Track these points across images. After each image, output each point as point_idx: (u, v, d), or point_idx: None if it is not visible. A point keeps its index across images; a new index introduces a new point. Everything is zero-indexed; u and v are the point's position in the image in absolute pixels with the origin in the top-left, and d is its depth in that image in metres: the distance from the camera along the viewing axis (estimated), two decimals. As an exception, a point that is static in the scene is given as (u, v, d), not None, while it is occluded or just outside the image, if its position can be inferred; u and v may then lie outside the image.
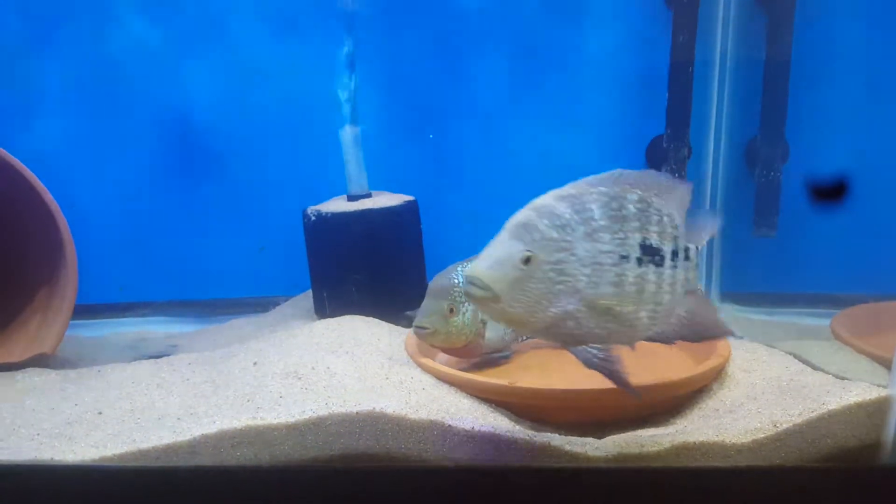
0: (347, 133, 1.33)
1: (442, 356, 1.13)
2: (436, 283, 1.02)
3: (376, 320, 1.19)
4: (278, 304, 1.44)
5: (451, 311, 0.97)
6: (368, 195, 1.33)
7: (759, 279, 1.42)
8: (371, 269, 1.28)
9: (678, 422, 0.88)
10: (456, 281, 1.00)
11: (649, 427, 0.85)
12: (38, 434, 0.82)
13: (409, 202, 1.32)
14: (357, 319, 1.17)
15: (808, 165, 1.38)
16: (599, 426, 0.85)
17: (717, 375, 0.95)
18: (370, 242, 1.28)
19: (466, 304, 0.98)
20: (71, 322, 1.14)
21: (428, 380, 0.94)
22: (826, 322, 1.19)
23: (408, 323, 1.15)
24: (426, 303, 0.99)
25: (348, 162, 1.32)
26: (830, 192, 1.09)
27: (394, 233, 1.30)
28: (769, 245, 1.38)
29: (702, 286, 1.50)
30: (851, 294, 1.33)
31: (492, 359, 1.04)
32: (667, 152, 1.40)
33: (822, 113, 1.38)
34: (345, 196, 1.34)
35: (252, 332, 1.22)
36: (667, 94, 1.40)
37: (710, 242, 1.46)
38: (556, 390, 0.87)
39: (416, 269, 1.35)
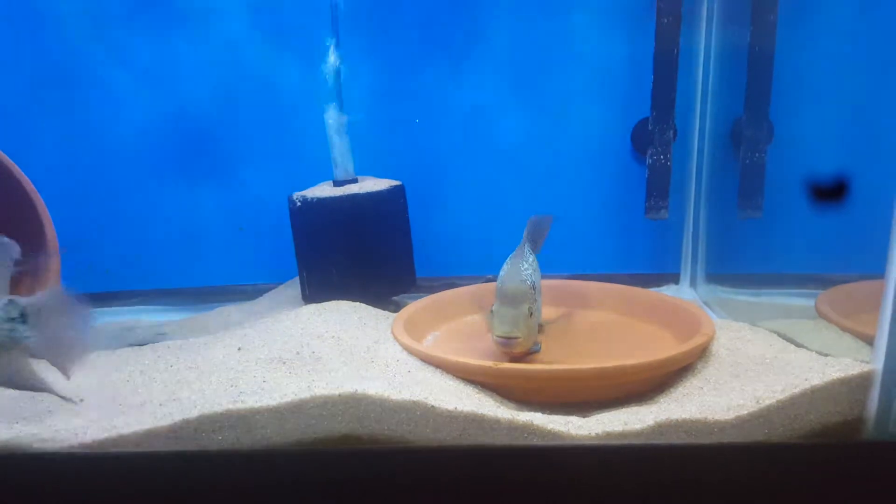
0: (332, 117, 1.31)
1: (429, 339, 1.12)
2: (510, 287, 0.95)
3: (363, 305, 1.17)
4: (267, 291, 1.41)
5: (531, 314, 0.92)
6: (354, 180, 1.31)
7: (744, 260, 1.38)
8: (358, 254, 1.26)
9: (662, 400, 0.88)
10: (528, 282, 0.96)
11: (633, 405, 0.85)
12: (18, 422, 0.81)
13: (395, 187, 1.31)
14: (343, 304, 1.15)
15: (792, 146, 1.34)
16: (585, 406, 0.85)
17: (701, 354, 0.95)
18: (356, 227, 1.26)
19: (537, 302, 0.96)
20: (57, 312, 1.11)
21: (414, 363, 0.93)
22: (812, 302, 1.17)
23: (395, 308, 1.18)
24: (506, 311, 0.91)
25: (333, 146, 1.29)
26: (829, 193, 1.09)
27: (380, 217, 1.28)
28: (755, 226, 1.33)
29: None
30: (837, 274, 1.29)
31: (532, 350, 0.98)
32: (652, 135, 1.38)
33: (808, 93, 1.35)
34: (331, 182, 1.32)
35: (240, 319, 1.21)
36: (652, 76, 1.39)
37: (696, 224, 1.48)
38: (539, 369, 0.88)
39: (403, 253, 1.33)
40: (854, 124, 1.31)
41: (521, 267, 0.99)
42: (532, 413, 0.79)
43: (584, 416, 0.80)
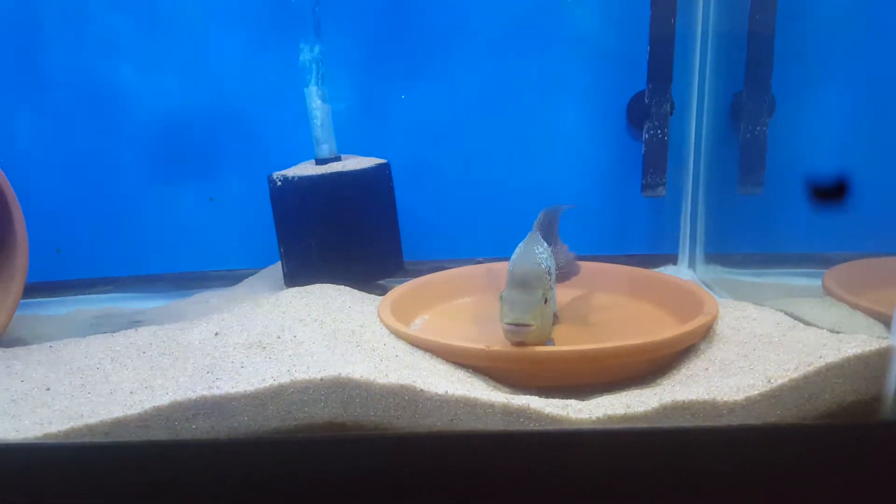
0: (314, 93, 1.25)
1: (417, 322, 1.08)
2: (523, 271, 0.88)
3: (348, 289, 1.13)
4: (248, 277, 1.37)
5: (546, 301, 0.86)
6: (338, 158, 1.28)
7: (745, 239, 1.35)
8: (341, 235, 1.23)
9: (665, 383, 0.85)
10: (544, 266, 0.90)
11: (635, 388, 0.82)
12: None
13: (380, 165, 1.27)
14: (327, 287, 1.11)
15: (795, 120, 1.31)
16: (583, 390, 0.82)
17: (704, 334, 0.92)
18: (340, 207, 1.22)
19: (552, 290, 0.91)
20: (31, 301, 1.07)
21: (402, 346, 0.90)
22: (816, 282, 1.13)
23: (381, 292, 1.14)
24: (519, 296, 0.85)
25: (315, 123, 1.26)
26: (829, 193, 1.06)
27: (365, 197, 1.24)
28: (755, 203, 1.31)
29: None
30: (840, 252, 1.25)
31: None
32: (649, 108, 1.34)
33: (810, 66, 1.30)
34: (313, 161, 1.28)
35: (219, 305, 1.17)
36: (648, 48, 1.34)
37: (694, 202, 1.45)
38: (535, 351, 0.84)
39: (389, 235, 1.30)
40: (859, 97, 1.27)
41: (536, 250, 0.93)
42: (528, 397, 0.75)
43: (583, 400, 0.76)
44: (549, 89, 1.42)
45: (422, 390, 0.74)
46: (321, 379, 0.74)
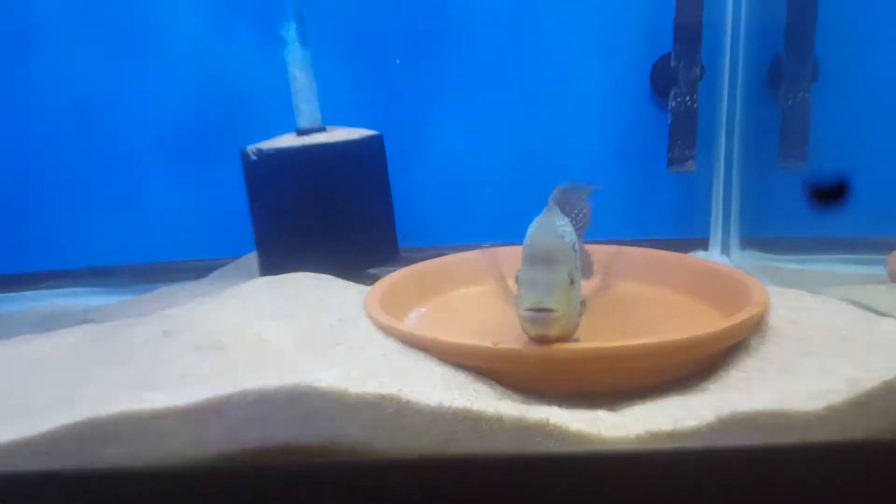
0: (296, 55, 1.12)
1: (412, 316, 0.96)
2: (545, 243, 0.73)
3: (331, 277, 1.02)
4: (221, 267, 1.26)
5: (572, 282, 0.70)
6: (322, 129, 1.16)
7: (787, 221, 1.24)
8: (326, 217, 1.11)
9: (712, 387, 0.72)
10: (568, 240, 0.75)
11: (674, 394, 0.70)
12: None
13: (372, 137, 1.16)
14: (304, 277, 1.00)
15: (840, 85, 1.20)
16: (611, 397, 0.69)
17: (754, 328, 0.80)
18: (324, 185, 1.10)
19: (578, 271, 0.76)
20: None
21: (392, 345, 0.77)
22: (872, 269, 1.07)
23: (372, 282, 1.00)
24: (540, 274, 0.70)
25: (296, 88, 1.14)
26: (830, 194, 1.02)
27: (354, 173, 1.13)
28: (798, 179, 1.18)
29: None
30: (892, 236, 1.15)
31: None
32: (675, 73, 1.25)
33: (858, 23, 1.19)
34: (294, 134, 1.17)
35: (182, 300, 0.99)
36: (674, 4, 1.23)
37: (728, 179, 1.34)
38: (559, 349, 0.70)
39: (382, 217, 1.19)
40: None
41: (557, 222, 0.78)
42: (546, 408, 0.62)
43: (613, 411, 0.64)
44: (563, 54, 1.32)
45: (409, 401, 0.58)
46: (275, 389, 0.57)
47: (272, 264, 1.11)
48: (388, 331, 0.80)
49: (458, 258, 1.09)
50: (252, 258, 1.20)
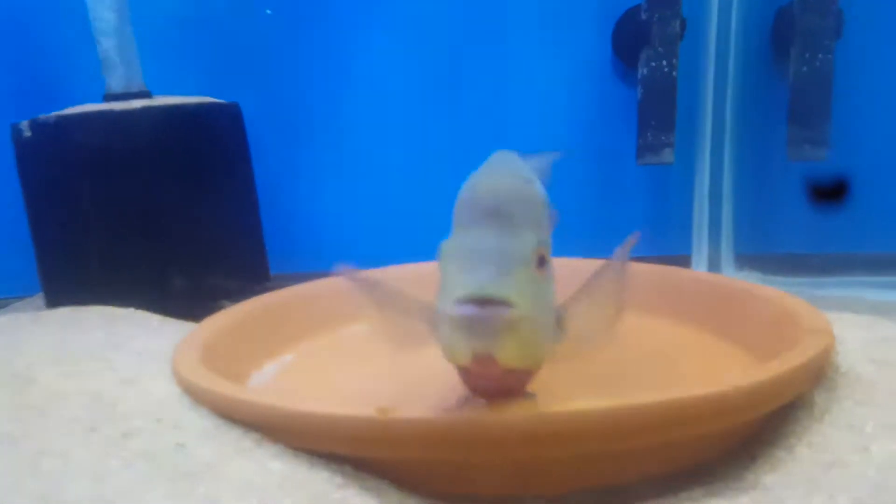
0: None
1: (271, 368, 0.76)
2: (493, 183, 0.53)
3: (142, 313, 0.84)
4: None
5: (542, 259, 0.49)
6: (146, 94, 0.95)
7: (797, 233, 1.13)
8: (148, 219, 0.89)
9: (768, 479, 0.53)
10: (533, 185, 0.57)
11: (698, 489, 0.53)
12: None
13: (218, 105, 0.97)
14: (90, 312, 0.82)
15: (873, 44, 1.08)
16: (581, 499, 0.53)
17: (816, 374, 0.64)
18: (145, 169, 0.88)
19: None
20: None
21: (199, 424, 0.57)
22: None
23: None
24: (483, 240, 0.48)
25: (104, 34, 0.93)
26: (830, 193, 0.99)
27: (194, 154, 0.91)
28: (816, 175, 1.08)
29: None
30: None
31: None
32: (648, 28, 1.10)
33: None
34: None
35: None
36: None
37: (717, 174, 1.20)
38: (505, 416, 0.49)
39: (241, 222, 0.99)
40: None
41: (516, 164, 0.60)
42: None
43: None
44: (490, 11, 1.17)
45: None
46: None
47: (61, 291, 0.91)
48: (199, 396, 0.60)
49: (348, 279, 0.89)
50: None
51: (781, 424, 0.61)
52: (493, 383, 0.49)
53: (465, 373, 0.49)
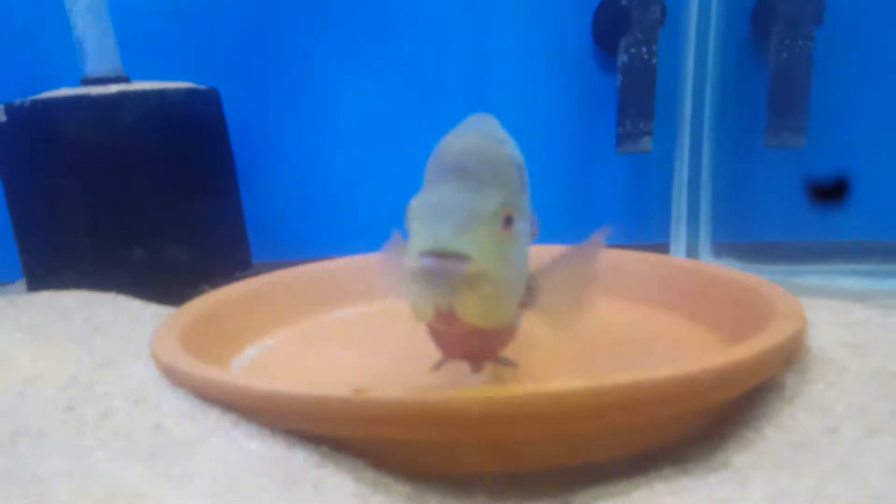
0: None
1: (250, 351, 0.76)
2: (462, 143, 0.53)
3: (124, 298, 0.83)
4: None
5: (509, 219, 0.50)
6: (123, 79, 0.93)
7: (776, 221, 1.14)
8: (126, 204, 0.88)
9: (737, 461, 0.53)
10: (506, 147, 0.57)
11: (675, 474, 0.52)
12: None
13: (197, 91, 0.95)
14: (67, 297, 0.80)
15: (854, 31, 1.08)
16: (557, 477, 0.53)
17: (789, 356, 0.64)
18: (122, 153, 0.87)
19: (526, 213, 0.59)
20: None
21: (177, 404, 0.56)
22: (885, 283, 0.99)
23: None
24: (446, 194, 0.49)
25: (80, 20, 0.91)
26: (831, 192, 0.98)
27: (171, 138, 0.90)
28: (794, 162, 1.09)
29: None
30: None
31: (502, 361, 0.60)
32: (628, 14, 1.10)
33: None
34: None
35: None
36: None
37: (695, 162, 1.19)
38: (461, 398, 0.48)
39: (219, 208, 0.98)
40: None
41: (489, 125, 0.61)
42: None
43: None
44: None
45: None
46: None
47: (42, 274, 0.90)
48: (178, 378, 0.60)
49: (329, 266, 0.92)
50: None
51: (752, 406, 0.61)
52: (462, 344, 0.50)
53: (434, 334, 0.50)
